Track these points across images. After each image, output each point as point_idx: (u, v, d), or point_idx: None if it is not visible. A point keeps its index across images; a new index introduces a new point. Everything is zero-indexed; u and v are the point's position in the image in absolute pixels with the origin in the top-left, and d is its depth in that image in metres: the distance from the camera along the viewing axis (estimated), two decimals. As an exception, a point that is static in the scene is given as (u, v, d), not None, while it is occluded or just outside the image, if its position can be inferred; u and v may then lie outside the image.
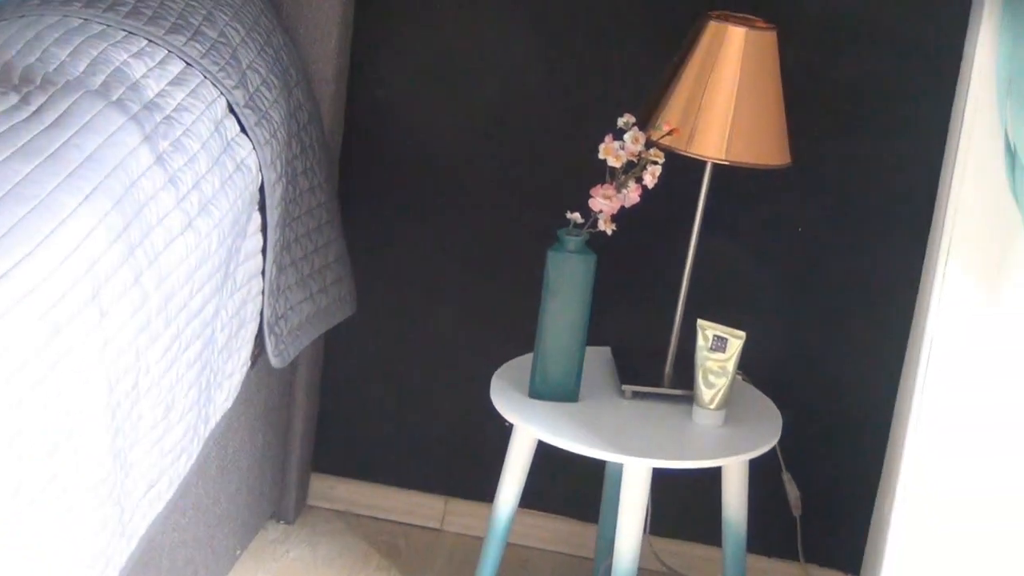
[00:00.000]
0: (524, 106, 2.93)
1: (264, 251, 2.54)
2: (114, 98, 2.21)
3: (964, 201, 1.72)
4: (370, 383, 3.11)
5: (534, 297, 2.65)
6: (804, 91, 2.68)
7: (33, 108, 2.12)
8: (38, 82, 2.21)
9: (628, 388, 2.71)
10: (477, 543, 2.85)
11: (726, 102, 2.53)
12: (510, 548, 2.87)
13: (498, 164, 2.97)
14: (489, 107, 2.95)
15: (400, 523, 3.12)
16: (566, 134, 2.82)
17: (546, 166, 2.92)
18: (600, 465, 2.82)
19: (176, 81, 2.36)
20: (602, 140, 2.56)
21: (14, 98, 2.14)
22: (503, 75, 2.93)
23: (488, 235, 2.99)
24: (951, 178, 1.84)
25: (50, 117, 2.10)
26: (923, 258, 2.71)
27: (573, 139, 2.71)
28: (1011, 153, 1.58)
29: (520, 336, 2.81)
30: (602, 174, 2.58)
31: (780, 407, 2.75)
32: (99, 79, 2.25)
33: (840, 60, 2.79)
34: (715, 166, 2.61)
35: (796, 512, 2.90)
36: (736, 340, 2.60)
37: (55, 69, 2.24)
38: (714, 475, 2.70)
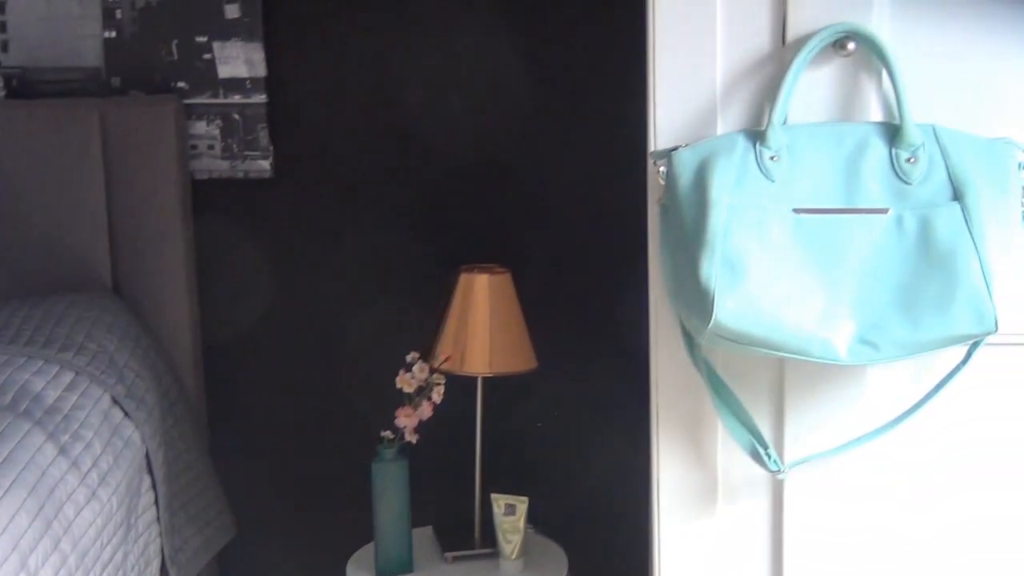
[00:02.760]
0: (340, 357, 2.88)
1: (156, 502, 2.43)
2: (21, 410, 2.11)
3: (662, 369, 1.68)
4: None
5: (368, 497, 2.59)
6: (541, 313, 2.68)
7: (-44, 429, 2.01)
8: (-41, 408, 2.10)
9: (449, 554, 2.63)
10: None
11: (483, 330, 2.53)
12: None
13: (327, 401, 2.90)
14: (317, 361, 2.89)
15: None
16: (374, 376, 2.76)
17: (364, 399, 2.86)
18: (440, 616, 2.73)
19: (69, 387, 2.27)
20: (397, 375, 2.55)
21: (-60, 423, 2.03)
22: (329, 340, 2.88)
23: (328, 455, 2.92)
24: (654, 353, 1.81)
25: (-30, 433, 1.99)
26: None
27: (380, 378, 2.66)
28: (688, 335, 1.56)
29: (363, 527, 2.71)
30: (403, 399, 2.56)
31: (564, 545, 2.69)
32: (8, 397, 2.14)
33: (561, 288, 2.80)
34: (484, 378, 2.59)
35: (590, 622, 2.83)
36: (522, 504, 2.55)
37: (-28, 395, 2.14)
38: (525, 607, 2.63)
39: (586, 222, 2.77)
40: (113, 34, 2.79)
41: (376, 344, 2.84)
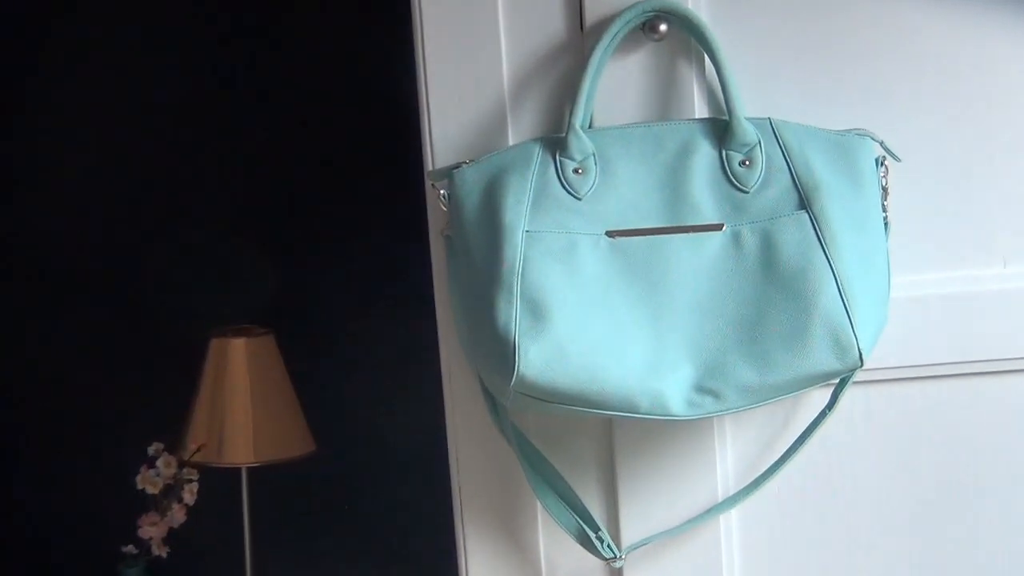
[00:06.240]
0: (68, 454, 2.79)
1: None
2: None
3: (462, 442, 1.65)
4: None
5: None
6: (315, 382, 2.66)
7: None
8: None
9: None
10: None
11: (244, 409, 2.50)
12: None
13: (53, 510, 2.82)
14: (39, 461, 2.79)
15: None
16: (111, 475, 2.68)
17: (99, 505, 2.76)
18: None
19: None
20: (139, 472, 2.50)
21: None
22: (53, 434, 2.77)
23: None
24: (451, 423, 1.77)
25: None
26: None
27: (118, 478, 2.58)
28: (490, 396, 1.52)
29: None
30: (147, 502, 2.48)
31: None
32: None
33: (338, 348, 2.78)
34: (250, 469, 2.56)
35: None
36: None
37: None
38: None
39: (366, 263, 2.76)
40: None
41: (111, 435, 2.75)
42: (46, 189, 2.80)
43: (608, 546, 1.50)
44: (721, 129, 1.40)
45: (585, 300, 1.36)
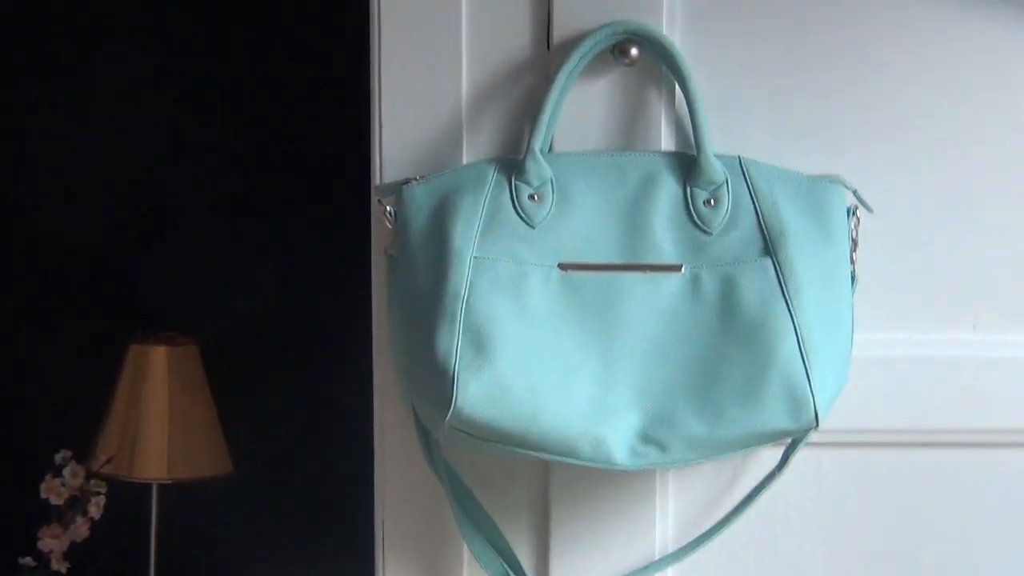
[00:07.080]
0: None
1: None
2: None
3: (390, 474, 1.63)
4: None
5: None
6: (238, 398, 2.63)
7: None
8: None
9: None
10: None
11: (160, 422, 2.49)
12: None
13: None
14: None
15: None
16: (13, 483, 2.65)
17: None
18: None
19: None
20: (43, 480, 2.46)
21: None
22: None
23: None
24: (380, 453, 1.75)
25: None
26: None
27: (20, 485, 2.55)
28: (423, 429, 1.51)
29: None
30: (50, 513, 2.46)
31: None
32: None
33: (264, 364, 2.76)
34: (162, 486, 2.54)
35: None
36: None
37: None
38: None
39: (296, 277, 2.73)
40: None
41: (16, 440, 2.72)
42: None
43: (535, 597, 1.48)
44: (688, 164, 1.39)
45: (532, 335, 1.35)
